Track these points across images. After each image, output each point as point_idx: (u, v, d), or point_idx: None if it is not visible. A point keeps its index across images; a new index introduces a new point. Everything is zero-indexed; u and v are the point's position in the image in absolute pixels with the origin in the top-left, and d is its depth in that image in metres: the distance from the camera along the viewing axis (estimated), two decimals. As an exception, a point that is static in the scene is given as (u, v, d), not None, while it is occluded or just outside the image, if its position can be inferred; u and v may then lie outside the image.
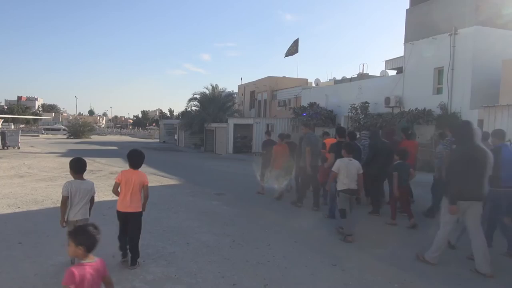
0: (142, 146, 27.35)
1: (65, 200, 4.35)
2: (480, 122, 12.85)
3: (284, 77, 31.73)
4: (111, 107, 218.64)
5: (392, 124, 16.12)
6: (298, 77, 31.49)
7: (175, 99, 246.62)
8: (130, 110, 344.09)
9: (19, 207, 7.82)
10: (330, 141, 8.64)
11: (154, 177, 12.66)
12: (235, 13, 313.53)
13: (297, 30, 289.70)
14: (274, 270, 4.79)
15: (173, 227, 6.67)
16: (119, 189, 4.74)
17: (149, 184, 4.96)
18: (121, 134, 72.32)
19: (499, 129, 5.90)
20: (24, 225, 6.54)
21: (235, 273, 4.64)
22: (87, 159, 5.21)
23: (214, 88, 31.88)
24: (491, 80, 13.77)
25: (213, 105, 29.80)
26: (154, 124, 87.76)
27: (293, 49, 29.82)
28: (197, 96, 31.48)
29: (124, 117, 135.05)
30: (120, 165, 15.55)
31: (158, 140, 42.41)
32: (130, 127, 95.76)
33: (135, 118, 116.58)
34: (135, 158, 4.74)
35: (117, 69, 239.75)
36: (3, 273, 4.46)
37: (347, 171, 6.16)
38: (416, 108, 16.12)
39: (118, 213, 4.71)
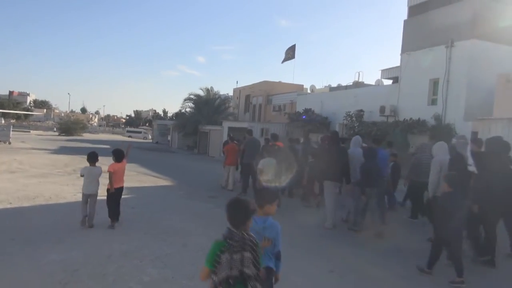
0: (136, 146, 27.10)
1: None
2: (475, 134, 12.95)
3: (280, 82, 31.79)
4: (104, 106, 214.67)
5: (386, 133, 16.21)
6: (294, 82, 31.63)
7: (168, 100, 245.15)
8: (123, 109, 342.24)
9: (10, 203, 7.69)
10: (279, 144, 10.41)
11: (147, 177, 12.53)
12: (230, 17, 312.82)
13: (293, 36, 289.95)
14: (271, 275, 4.75)
15: (168, 228, 6.61)
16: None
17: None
18: (113, 133, 71.94)
19: (356, 136, 8.28)
20: (16, 221, 6.43)
21: (232, 276, 4.59)
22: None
23: (209, 90, 31.83)
24: (485, 93, 13.91)
25: (208, 107, 29.69)
26: (147, 124, 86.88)
27: (290, 54, 29.90)
28: (192, 96, 31.39)
29: (116, 116, 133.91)
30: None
31: (151, 140, 42.14)
32: (123, 126, 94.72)
33: (127, 117, 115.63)
34: (118, 154, 6.70)
35: (111, 68, 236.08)
36: (-4, 269, 4.37)
37: (267, 167, 8.35)
38: (411, 118, 16.21)
39: (115, 189, 6.42)
